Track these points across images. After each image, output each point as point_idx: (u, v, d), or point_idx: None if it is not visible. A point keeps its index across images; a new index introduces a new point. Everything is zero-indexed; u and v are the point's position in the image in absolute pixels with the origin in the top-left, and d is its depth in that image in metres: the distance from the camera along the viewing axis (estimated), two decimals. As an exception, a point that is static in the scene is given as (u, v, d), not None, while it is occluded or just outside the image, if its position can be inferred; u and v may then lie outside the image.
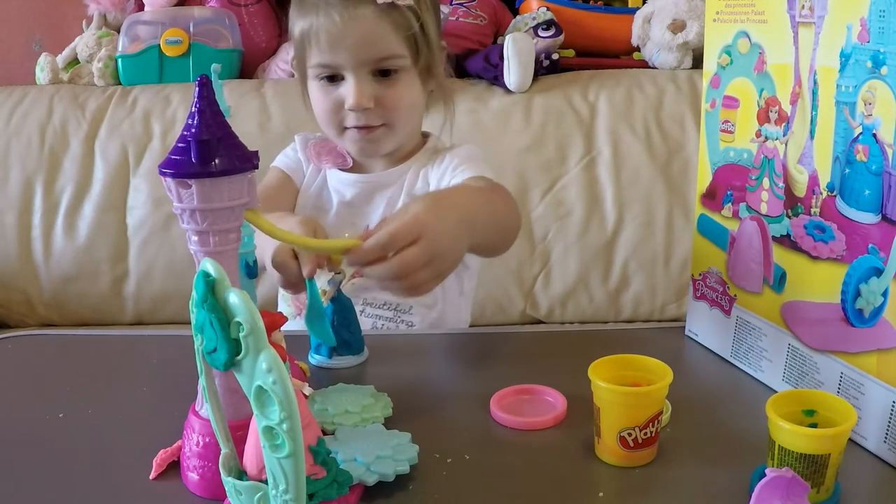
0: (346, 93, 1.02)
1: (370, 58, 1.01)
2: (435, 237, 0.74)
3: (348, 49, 1.00)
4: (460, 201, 0.82)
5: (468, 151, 1.10)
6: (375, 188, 1.11)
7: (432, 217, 0.75)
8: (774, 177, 0.83)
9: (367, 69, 1.01)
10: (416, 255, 0.73)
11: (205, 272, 0.54)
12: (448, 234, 0.77)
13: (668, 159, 1.68)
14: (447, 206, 0.79)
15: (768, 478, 0.56)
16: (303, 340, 0.94)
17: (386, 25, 1.00)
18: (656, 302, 1.69)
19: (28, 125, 1.74)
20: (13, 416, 0.81)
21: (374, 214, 1.10)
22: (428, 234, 0.74)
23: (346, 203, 1.11)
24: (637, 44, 1.86)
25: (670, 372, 0.71)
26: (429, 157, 1.11)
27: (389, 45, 1.01)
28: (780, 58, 0.80)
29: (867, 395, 0.72)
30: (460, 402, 0.83)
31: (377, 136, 1.05)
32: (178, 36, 1.81)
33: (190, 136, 0.60)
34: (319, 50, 1.01)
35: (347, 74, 1.02)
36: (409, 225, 0.73)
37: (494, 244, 0.96)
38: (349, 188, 1.11)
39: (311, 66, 1.04)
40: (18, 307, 1.73)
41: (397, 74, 1.03)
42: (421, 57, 1.04)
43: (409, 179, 1.10)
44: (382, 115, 1.03)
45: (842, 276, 0.74)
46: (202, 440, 0.67)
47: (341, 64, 1.01)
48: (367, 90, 1.01)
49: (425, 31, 1.04)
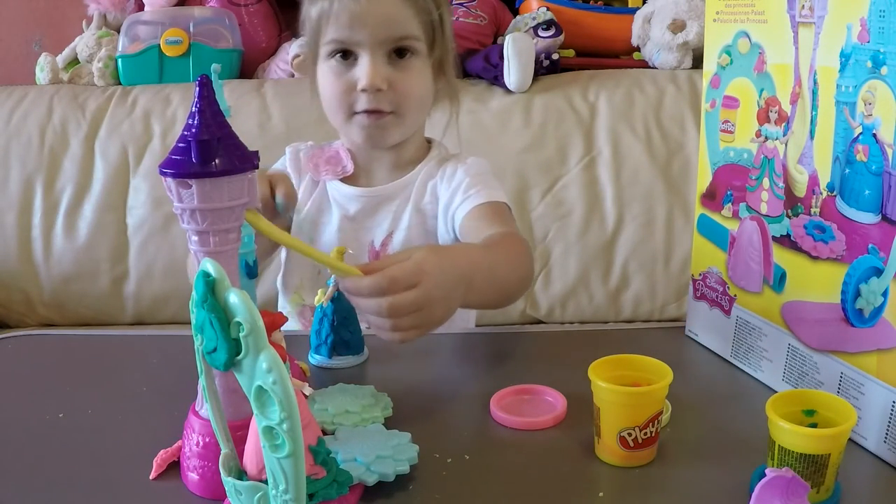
0: (360, 73, 1.00)
1: (389, 37, 0.99)
2: (431, 289, 0.74)
3: (368, 27, 0.98)
4: (462, 262, 0.81)
5: (478, 167, 1.08)
6: (380, 201, 1.08)
7: (433, 268, 0.74)
8: (774, 177, 0.83)
9: (383, 49, 1.00)
10: (408, 301, 0.73)
11: (205, 272, 0.54)
12: (444, 288, 0.76)
13: (668, 159, 1.68)
14: (449, 264, 0.78)
15: (768, 478, 0.56)
16: (303, 340, 0.94)
17: (408, 9, 1.00)
18: (656, 302, 1.69)
19: (28, 125, 1.74)
20: (13, 416, 0.81)
21: (378, 229, 1.08)
22: (425, 283, 0.73)
23: (349, 217, 1.08)
24: (637, 44, 1.86)
25: (670, 372, 0.71)
26: (436, 168, 1.09)
27: (409, 26, 1.00)
28: (780, 58, 0.80)
29: (867, 395, 0.72)
30: (460, 402, 0.83)
31: (385, 123, 1.03)
32: (178, 36, 1.81)
33: (190, 136, 0.60)
34: (338, 27, 0.99)
35: (363, 53, 1.00)
36: (409, 272, 0.73)
37: (490, 304, 0.95)
38: (352, 202, 1.09)
39: (326, 43, 1.02)
40: (18, 307, 1.73)
41: (412, 59, 1.02)
42: (436, 48, 1.04)
43: (417, 192, 1.08)
44: (393, 101, 1.01)
45: (842, 276, 0.74)
46: (202, 440, 0.67)
47: (359, 41, 0.99)
48: (382, 72, 1.00)
49: (443, 22, 1.04)
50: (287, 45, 1.89)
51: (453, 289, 0.78)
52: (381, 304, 0.72)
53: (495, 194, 1.04)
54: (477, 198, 1.03)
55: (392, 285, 0.72)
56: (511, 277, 0.93)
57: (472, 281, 0.81)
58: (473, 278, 0.81)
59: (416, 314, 0.74)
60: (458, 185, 1.05)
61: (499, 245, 0.94)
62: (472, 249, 0.90)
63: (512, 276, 0.93)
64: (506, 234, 0.97)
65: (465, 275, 0.80)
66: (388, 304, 0.72)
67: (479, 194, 1.03)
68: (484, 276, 0.84)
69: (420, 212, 1.08)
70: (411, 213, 1.07)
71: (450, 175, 1.07)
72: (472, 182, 1.05)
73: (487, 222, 1.00)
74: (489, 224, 1.00)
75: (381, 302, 0.72)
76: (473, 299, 0.84)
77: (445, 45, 1.05)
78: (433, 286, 0.74)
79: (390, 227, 1.07)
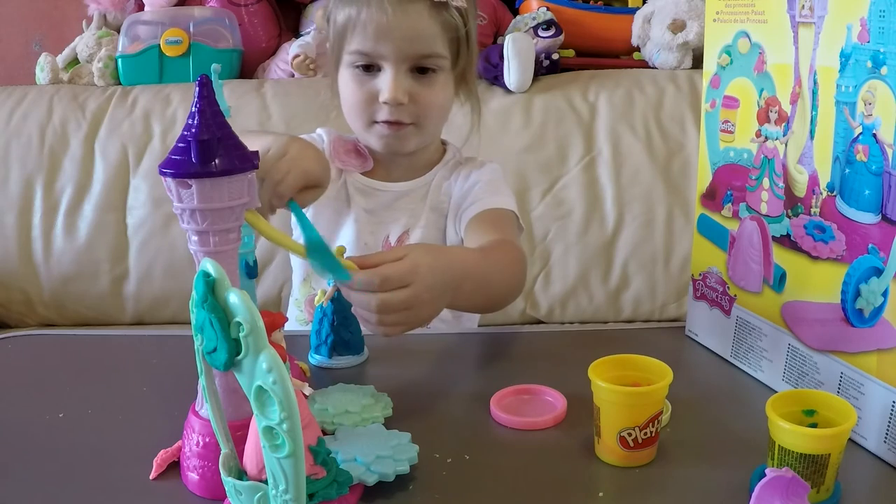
0: (382, 85, 1.00)
1: (413, 53, 1.00)
2: (421, 291, 0.75)
3: (394, 41, 0.99)
4: (456, 266, 0.82)
5: (492, 173, 1.10)
6: (397, 198, 1.10)
7: (426, 270, 0.76)
8: (774, 177, 0.83)
9: (407, 64, 1.00)
10: (397, 300, 0.74)
11: (205, 272, 0.54)
12: (434, 290, 0.77)
13: (668, 159, 1.68)
14: (442, 266, 0.79)
15: (768, 478, 0.56)
16: (303, 340, 0.94)
17: (435, 25, 1.00)
18: (656, 302, 1.69)
19: (28, 125, 1.74)
20: (13, 416, 0.81)
21: (395, 224, 1.09)
22: (416, 285, 0.75)
23: (367, 210, 1.10)
24: (637, 44, 1.86)
25: (670, 372, 0.71)
26: (451, 170, 1.11)
27: (435, 44, 1.01)
28: (780, 58, 0.80)
29: (867, 395, 0.72)
30: (460, 402, 0.83)
31: (405, 134, 1.04)
32: (178, 36, 1.80)
33: (190, 136, 0.60)
34: (364, 38, 1.00)
35: (386, 66, 1.00)
36: (403, 272, 0.74)
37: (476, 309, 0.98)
38: (371, 196, 1.10)
39: (349, 53, 1.02)
40: (18, 307, 1.73)
41: (435, 74, 1.02)
42: (460, 61, 1.05)
43: (433, 192, 1.10)
44: (413, 113, 1.02)
45: (842, 276, 0.74)
46: (202, 440, 0.67)
47: (383, 55, 1.00)
48: (404, 85, 1.00)
49: (469, 37, 1.04)
50: (287, 45, 1.89)
51: (443, 291, 0.79)
52: (370, 301, 0.74)
53: (504, 201, 1.07)
54: (485, 203, 1.05)
55: (384, 283, 0.73)
56: (501, 285, 0.95)
57: (462, 285, 0.82)
58: (464, 283, 0.83)
59: (403, 312, 0.75)
60: (469, 189, 1.08)
61: (494, 252, 0.95)
62: (467, 254, 0.91)
63: (502, 284, 0.95)
64: (502, 242, 0.98)
65: (456, 278, 0.81)
66: (377, 302, 0.74)
67: (487, 200, 1.05)
68: (475, 281, 0.86)
69: (435, 210, 1.10)
70: (428, 211, 1.09)
71: (464, 178, 1.10)
72: (484, 187, 1.07)
73: (490, 228, 1.02)
74: (492, 230, 1.01)
75: (371, 298, 0.74)
76: (461, 303, 0.87)
77: (470, 58, 1.07)
78: (424, 288, 0.75)
79: (407, 223, 1.09)
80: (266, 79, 1.87)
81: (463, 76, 1.07)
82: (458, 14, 1.01)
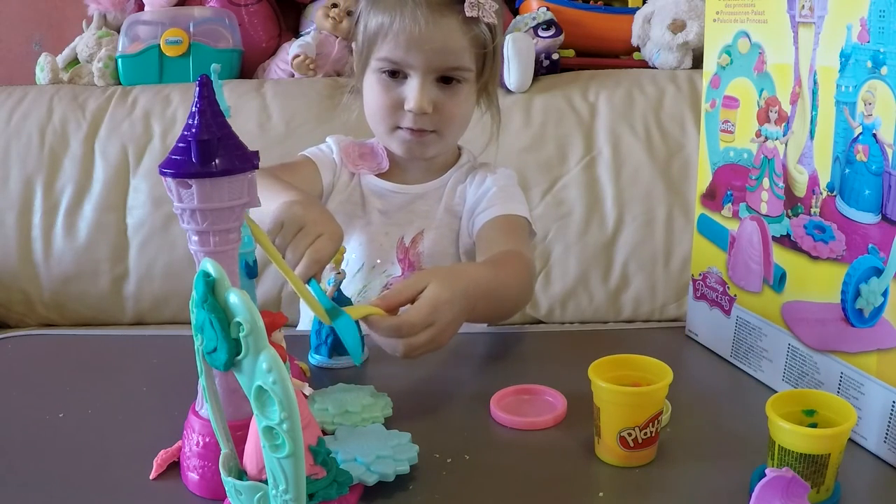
0: (408, 94, 1.02)
1: (442, 65, 1.01)
2: (443, 326, 0.79)
3: (424, 53, 1.00)
4: (471, 290, 0.84)
5: (506, 179, 1.12)
6: (413, 199, 1.11)
7: (446, 307, 0.79)
8: (774, 177, 0.83)
9: (434, 75, 1.02)
10: (422, 341, 0.78)
11: (205, 272, 0.54)
12: (454, 321, 0.81)
13: (668, 159, 1.68)
14: (459, 294, 0.82)
15: (768, 478, 0.56)
16: (303, 340, 0.94)
17: (465, 39, 1.01)
18: (656, 302, 1.68)
19: (28, 125, 1.74)
20: (13, 416, 0.81)
21: (410, 226, 1.10)
22: (439, 322, 0.78)
23: (382, 212, 1.11)
24: (637, 44, 1.85)
25: (670, 372, 0.71)
26: (466, 174, 1.13)
27: (463, 57, 1.02)
28: (780, 58, 0.80)
29: (867, 395, 0.72)
30: (460, 402, 0.83)
31: (427, 141, 1.06)
32: (178, 36, 1.80)
33: (190, 136, 0.60)
34: (395, 45, 1.01)
35: (413, 75, 1.02)
36: (425, 314, 0.78)
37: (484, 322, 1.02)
38: (386, 197, 1.11)
39: (378, 59, 1.03)
40: (18, 307, 1.72)
41: (459, 85, 1.04)
42: (485, 73, 1.06)
43: (447, 195, 1.11)
44: (436, 122, 1.04)
45: (842, 276, 0.74)
46: (202, 440, 0.67)
47: (412, 64, 1.01)
48: (429, 95, 1.02)
49: (495, 51, 1.06)
50: (287, 45, 1.89)
51: (461, 317, 0.82)
52: (397, 345, 0.78)
53: (517, 208, 1.08)
54: (498, 209, 1.06)
55: (409, 329, 0.77)
56: (510, 299, 0.97)
57: (476, 306, 0.85)
58: (478, 303, 0.85)
59: (427, 346, 0.79)
60: (483, 194, 1.09)
61: (504, 266, 0.96)
62: (480, 274, 0.91)
63: (512, 297, 0.97)
64: (512, 254, 0.99)
65: (471, 302, 0.84)
66: (404, 345, 0.78)
67: (501, 206, 1.07)
68: (487, 300, 0.88)
69: (450, 213, 1.11)
70: (442, 213, 1.10)
71: (479, 182, 1.11)
72: (498, 193, 1.08)
73: (502, 235, 1.04)
74: (504, 237, 1.03)
75: (397, 343, 0.78)
76: (473, 319, 0.89)
77: (494, 71, 1.08)
78: (445, 324, 0.79)
79: (422, 225, 1.10)
80: (266, 79, 1.86)
81: (485, 87, 1.09)
82: (487, 30, 1.03)
